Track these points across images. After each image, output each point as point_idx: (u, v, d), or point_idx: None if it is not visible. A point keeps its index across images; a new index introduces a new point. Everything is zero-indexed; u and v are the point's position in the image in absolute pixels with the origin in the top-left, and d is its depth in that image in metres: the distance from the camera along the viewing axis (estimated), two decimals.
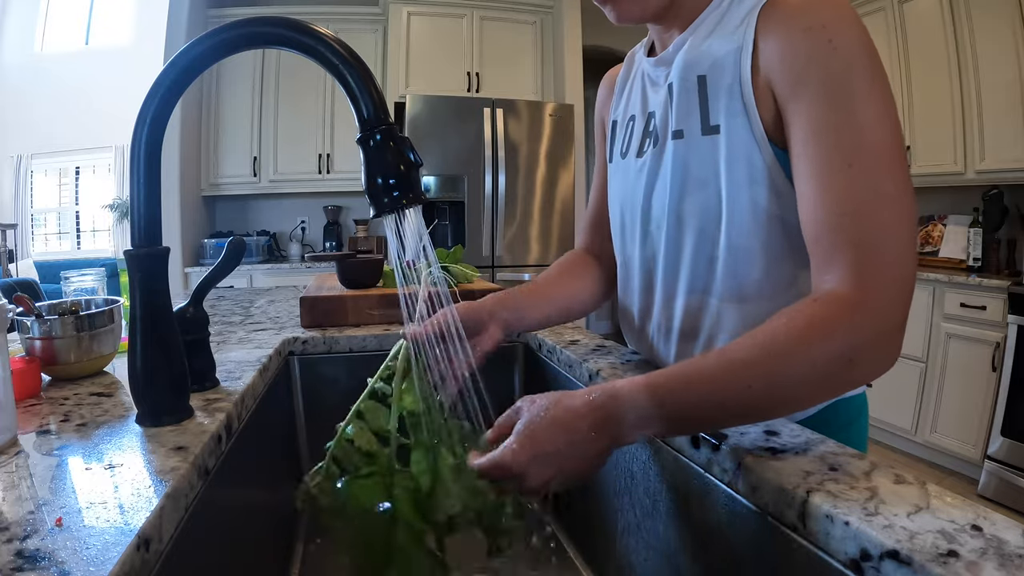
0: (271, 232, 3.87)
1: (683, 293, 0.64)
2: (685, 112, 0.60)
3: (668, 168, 0.63)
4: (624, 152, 0.72)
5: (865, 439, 0.68)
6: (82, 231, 5.87)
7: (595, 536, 0.76)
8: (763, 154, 0.55)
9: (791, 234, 0.55)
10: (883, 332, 0.45)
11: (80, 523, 0.37)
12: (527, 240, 3.29)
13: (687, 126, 0.60)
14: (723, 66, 0.56)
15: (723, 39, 0.57)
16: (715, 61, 0.57)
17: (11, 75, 5.52)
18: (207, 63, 0.53)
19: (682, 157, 0.61)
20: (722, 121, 0.57)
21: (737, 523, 0.47)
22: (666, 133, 0.63)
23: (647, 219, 0.67)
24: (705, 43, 0.59)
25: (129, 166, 0.54)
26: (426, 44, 3.45)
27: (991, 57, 2.53)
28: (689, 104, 0.60)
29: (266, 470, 0.78)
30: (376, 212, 0.51)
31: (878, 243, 0.46)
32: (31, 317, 0.69)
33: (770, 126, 0.54)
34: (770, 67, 0.52)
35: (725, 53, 0.56)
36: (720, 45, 0.57)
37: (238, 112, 3.56)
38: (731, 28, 0.56)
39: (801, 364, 0.44)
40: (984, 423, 2.36)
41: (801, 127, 0.51)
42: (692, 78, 0.59)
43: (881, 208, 0.46)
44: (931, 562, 0.32)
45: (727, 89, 0.56)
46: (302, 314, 1.05)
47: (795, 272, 0.57)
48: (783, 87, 0.52)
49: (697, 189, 0.60)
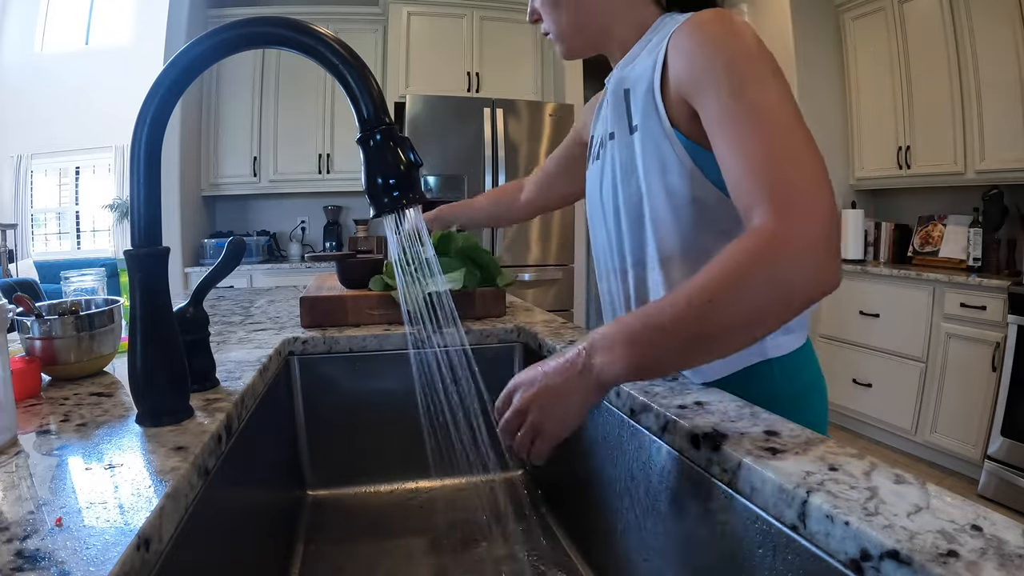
0: (271, 232, 3.87)
1: (632, 267, 0.76)
2: (616, 118, 0.74)
3: (608, 166, 0.76)
4: (592, 160, 0.85)
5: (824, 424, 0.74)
6: (82, 231, 5.87)
7: (595, 536, 0.76)
8: (672, 145, 0.66)
9: (704, 209, 0.66)
10: (805, 248, 0.49)
11: (80, 523, 0.37)
12: (527, 240, 3.30)
13: (617, 129, 0.74)
14: (642, 78, 0.69)
15: (644, 59, 0.70)
16: (637, 76, 0.70)
17: (11, 75, 5.52)
18: (207, 63, 0.53)
19: (613, 155, 0.75)
20: (639, 121, 0.69)
21: (737, 523, 0.47)
22: (607, 137, 0.77)
23: (603, 212, 0.80)
24: (632, 63, 0.73)
25: (129, 166, 0.53)
26: (426, 44, 3.45)
27: (991, 57, 2.53)
28: (619, 111, 0.74)
29: (266, 470, 0.78)
30: (376, 212, 0.51)
31: (790, 178, 0.52)
32: (31, 317, 0.69)
33: (682, 123, 0.65)
34: (678, 76, 0.64)
35: (643, 69, 0.69)
36: (642, 63, 0.70)
37: (238, 112, 3.56)
38: (651, 50, 0.69)
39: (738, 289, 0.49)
40: (984, 423, 2.36)
41: (709, 116, 0.60)
42: (620, 92, 0.74)
43: (788, 154, 0.54)
44: (931, 562, 0.32)
45: (643, 96, 0.68)
46: (302, 314, 1.05)
47: (711, 242, 0.66)
48: (690, 89, 0.62)
49: (624, 180, 0.73)
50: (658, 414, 0.59)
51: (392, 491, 0.99)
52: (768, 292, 0.49)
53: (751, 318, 0.50)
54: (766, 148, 0.55)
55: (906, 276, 2.70)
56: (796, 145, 0.54)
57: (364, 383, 0.99)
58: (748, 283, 0.49)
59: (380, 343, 0.99)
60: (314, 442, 0.98)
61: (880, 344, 2.79)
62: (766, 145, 0.55)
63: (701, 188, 0.66)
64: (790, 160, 0.54)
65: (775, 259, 0.49)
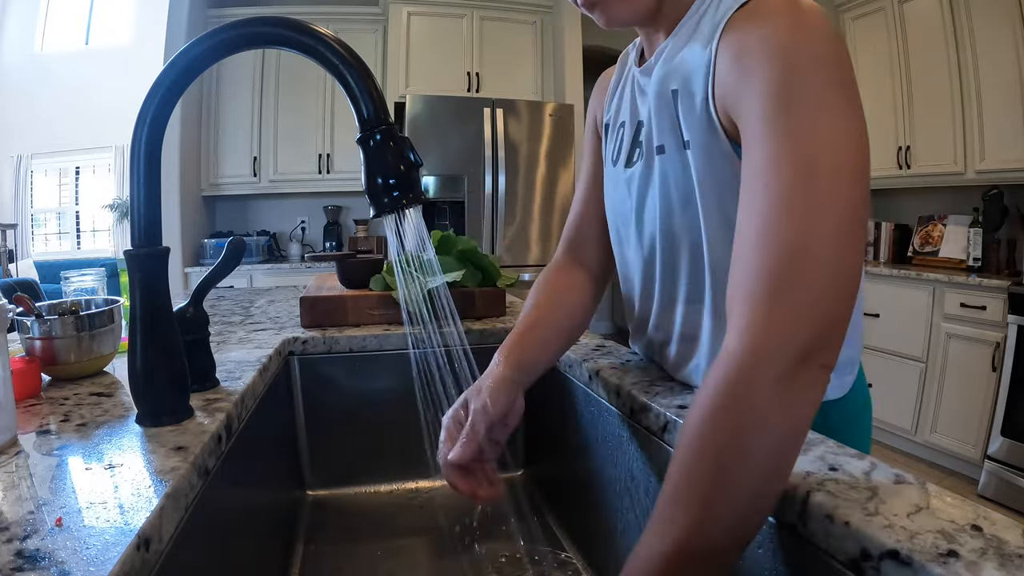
0: (271, 232, 3.87)
1: (682, 302, 0.63)
2: (665, 127, 0.59)
3: (656, 184, 0.62)
4: (615, 160, 0.70)
5: (868, 439, 0.67)
6: (82, 231, 5.87)
7: (595, 536, 0.76)
8: (732, 167, 0.52)
9: None
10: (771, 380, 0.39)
11: (80, 523, 0.37)
12: (527, 240, 3.29)
13: (667, 142, 0.59)
14: (692, 80, 0.54)
15: (693, 52, 0.54)
16: (686, 75, 0.55)
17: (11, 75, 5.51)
18: (207, 63, 0.53)
19: (666, 174, 0.60)
20: (692, 137, 0.55)
21: None
22: (651, 147, 0.62)
23: (640, 232, 0.67)
24: (679, 54, 0.57)
25: (129, 166, 0.53)
26: (426, 44, 3.46)
27: (991, 57, 2.53)
28: (669, 119, 0.58)
29: (266, 470, 0.78)
30: (376, 212, 0.51)
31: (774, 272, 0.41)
32: (31, 317, 0.69)
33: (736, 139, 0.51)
34: (724, 82, 0.50)
35: (694, 67, 0.54)
36: (691, 58, 0.55)
37: (238, 112, 3.56)
38: (703, 38, 0.54)
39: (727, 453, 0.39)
40: (984, 423, 2.36)
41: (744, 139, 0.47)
42: (667, 93, 0.58)
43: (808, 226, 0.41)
44: (931, 562, 0.32)
45: (695, 104, 0.54)
46: (302, 314, 1.05)
47: None
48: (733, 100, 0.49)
49: (682, 207, 0.59)
50: (658, 414, 0.59)
51: (392, 491, 0.99)
52: (736, 453, 0.39)
53: (759, 473, 0.39)
54: (779, 210, 0.42)
55: (906, 276, 2.70)
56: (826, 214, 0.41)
57: (364, 383, 0.99)
58: (715, 446, 0.39)
59: (380, 343, 0.99)
60: (314, 442, 0.98)
61: (880, 344, 2.79)
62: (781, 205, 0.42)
63: None
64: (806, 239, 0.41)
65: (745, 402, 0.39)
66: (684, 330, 0.64)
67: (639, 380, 0.69)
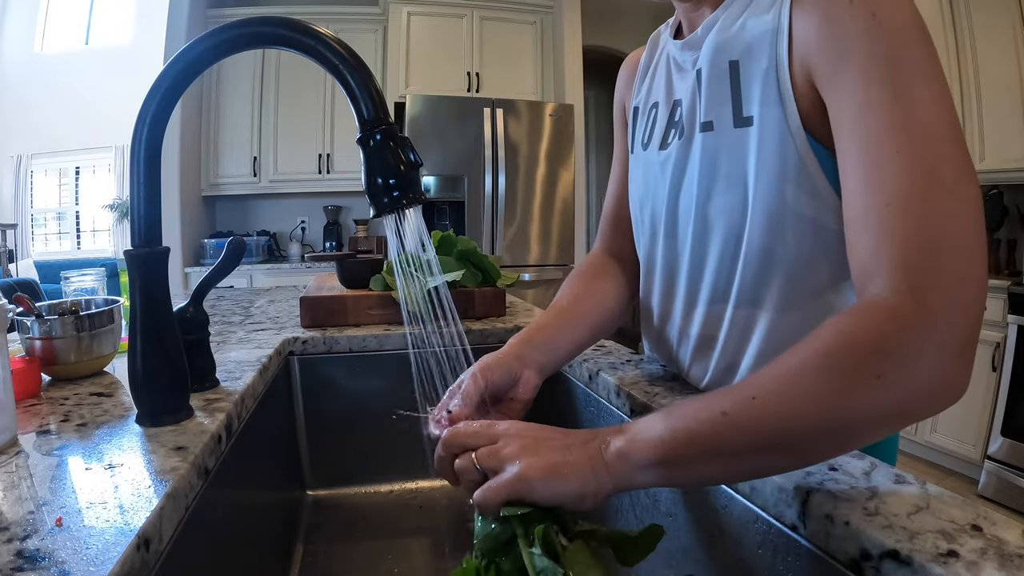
0: (271, 232, 3.87)
1: (704, 302, 0.60)
2: (716, 102, 0.55)
3: (696, 164, 0.58)
4: (645, 143, 0.67)
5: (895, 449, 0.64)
6: (82, 231, 5.87)
7: None
8: (798, 148, 0.49)
9: (826, 240, 0.50)
10: (941, 350, 0.36)
11: (80, 523, 0.37)
12: (527, 240, 3.29)
13: (717, 117, 0.55)
14: (758, 49, 0.50)
15: (757, 19, 0.51)
16: (749, 44, 0.51)
17: (11, 75, 5.51)
18: (207, 63, 0.53)
19: (711, 152, 0.56)
20: (755, 112, 0.51)
21: (737, 523, 0.47)
22: (694, 125, 0.58)
23: (672, 219, 0.63)
24: (737, 23, 0.53)
25: (129, 166, 0.54)
26: (426, 44, 3.46)
27: (991, 57, 2.53)
28: (720, 93, 0.54)
29: (266, 470, 0.78)
30: (376, 212, 0.51)
31: (933, 239, 0.38)
32: (31, 317, 0.69)
33: (808, 117, 0.48)
34: (807, 47, 0.46)
35: (760, 34, 0.50)
36: (754, 25, 0.51)
37: (238, 112, 3.56)
38: (765, 5, 0.50)
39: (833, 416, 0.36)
40: (984, 423, 2.36)
41: (844, 112, 0.44)
42: (723, 64, 0.53)
43: (936, 198, 0.39)
44: (931, 562, 0.32)
45: (762, 75, 0.50)
46: (302, 314, 1.05)
47: (827, 283, 0.52)
48: (823, 69, 0.46)
49: (726, 188, 0.55)
50: None
51: (392, 491, 0.99)
52: (878, 396, 0.36)
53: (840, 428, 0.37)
54: (909, 180, 0.39)
55: None
56: (950, 181, 0.39)
57: (364, 383, 0.99)
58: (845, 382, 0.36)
59: (380, 343, 0.99)
60: (314, 442, 0.98)
61: None
62: (910, 175, 0.39)
63: (827, 213, 0.49)
64: (938, 208, 0.39)
65: (895, 354, 0.36)
66: (704, 331, 0.62)
67: (639, 380, 0.69)
